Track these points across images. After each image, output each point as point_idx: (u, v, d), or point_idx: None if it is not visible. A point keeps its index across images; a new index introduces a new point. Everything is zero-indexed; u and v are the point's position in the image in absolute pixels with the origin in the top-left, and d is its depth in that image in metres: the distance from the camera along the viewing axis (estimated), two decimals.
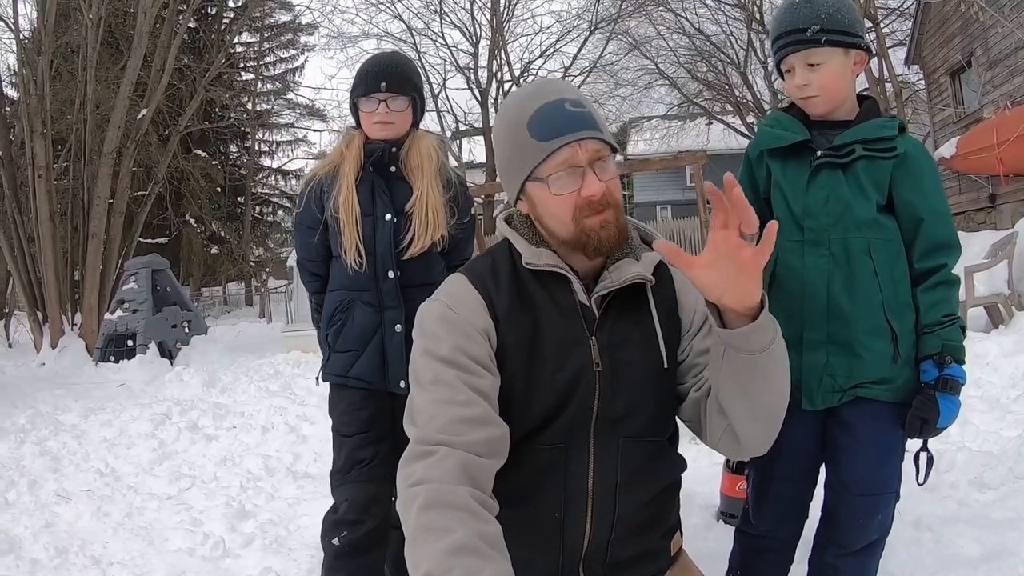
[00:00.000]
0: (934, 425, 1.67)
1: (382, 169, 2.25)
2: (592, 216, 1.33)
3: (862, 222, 1.72)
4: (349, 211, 2.18)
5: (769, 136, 1.84)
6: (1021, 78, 9.43)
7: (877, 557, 1.90)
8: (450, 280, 1.46)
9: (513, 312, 1.38)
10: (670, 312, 1.45)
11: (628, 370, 1.38)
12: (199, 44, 18.92)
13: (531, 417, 1.37)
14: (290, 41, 26.73)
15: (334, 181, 2.24)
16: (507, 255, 1.45)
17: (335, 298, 2.29)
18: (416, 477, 1.22)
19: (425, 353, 1.35)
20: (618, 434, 1.38)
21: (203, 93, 15.38)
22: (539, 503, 1.38)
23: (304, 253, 2.37)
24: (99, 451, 5.07)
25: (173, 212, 21.49)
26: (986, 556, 2.48)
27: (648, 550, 1.44)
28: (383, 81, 2.19)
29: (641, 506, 1.40)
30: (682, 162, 9.80)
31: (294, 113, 27.55)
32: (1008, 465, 3.24)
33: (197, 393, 7.36)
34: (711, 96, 21.01)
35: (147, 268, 10.57)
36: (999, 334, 5.36)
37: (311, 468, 4.49)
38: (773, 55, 1.82)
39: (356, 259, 2.18)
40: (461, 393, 1.29)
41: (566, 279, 1.39)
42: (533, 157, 1.34)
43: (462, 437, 1.25)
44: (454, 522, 1.14)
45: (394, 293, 2.23)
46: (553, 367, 1.37)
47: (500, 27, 19.13)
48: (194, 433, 5.37)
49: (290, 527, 3.42)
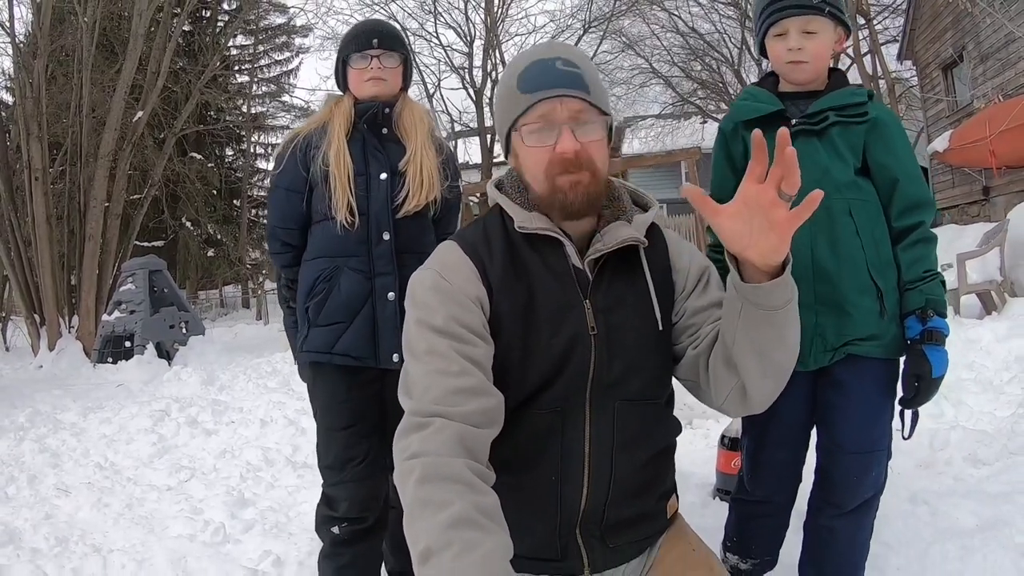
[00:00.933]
0: (930, 377, 1.70)
1: (375, 129, 2.17)
2: (564, 175, 1.34)
3: (841, 184, 1.75)
4: (341, 166, 2.07)
5: (744, 108, 1.88)
6: (1012, 71, 9.48)
7: (872, 517, 1.93)
8: (441, 248, 1.44)
9: (507, 278, 1.38)
10: (663, 274, 1.45)
11: (623, 333, 1.38)
12: (194, 47, 18.93)
13: (527, 383, 1.37)
14: (284, 43, 26.71)
15: (322, 138, 2.12)
16: (499, 221, 1.45)
17: (315, 267, 2.12)
18: (412, 450, 1.21)
19: (419, 323, 1.34)
20: (614, 397, 1.38)
21: (198, 96, 15.35)
22: (536, 467, 1.38)
23: (279, 221, 2.20)
24: (98, 447, 5.07)
25: (169, 215, 21.47)
26: (981, 527, 2.50)
27: (644, 512, 1.46)
28: (375, 38, 2.15)
29: (637, 469, 1.42)
30: (676, 158, 9.87)
31: (289, 115, 27.48)
32: (1002, 442, 3.27)
33: (196, 391, 7.36)
34: (705, 95, 21.10)
35: (144, 269, 10.58)
36: (992, 320, 5.41)
37: (310, 459, 4.47)
38: (762, 17, 1.83)
39: (348, 218, 2.05)
40: (455, 363, 1.29)
41: (559, 242, 1.39)
42: (516, 108, 1.37)
43: (457, 408, 1.25)
44: (452, 495, 1.14)
45: (388, 257, 2.11)
46: (548, 332, 1.36)
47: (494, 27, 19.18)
48: (193, 428, 5.37)
49: (290, 513, 3.42)
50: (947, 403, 3.86)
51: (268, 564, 2.81)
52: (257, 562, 2.84)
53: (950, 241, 7.69)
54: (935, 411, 3.73)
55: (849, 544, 1.95)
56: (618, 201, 1.48)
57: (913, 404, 1.77)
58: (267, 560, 2.82)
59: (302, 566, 2.79)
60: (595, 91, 1.36)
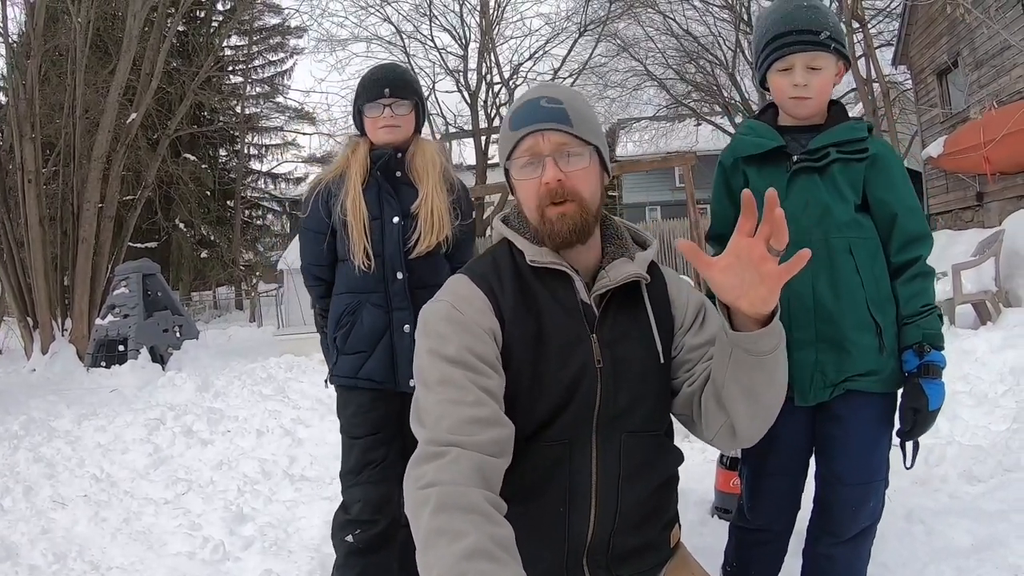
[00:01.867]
0: (927, 410, 1.72)
1: (388, 174, 2.31)
2: (551, 207, 1.40)
3: (842, 223, 1.77)
4: (357, 214, 2.23)
5: (745, 143, 1.89)
6: (1007, 78, 9.52)
7: (869, 544, 1.95)
8: (453, 280, 1.47)
9: (518, 311, 1.41)
10: (663, 309, 1.51)
11: (628, 366, 1.43)
12: (188, 47, 18.91)
13: (536, 414, 1.40)
14: (279, 44, 26.70)
15: (340, 186, 2.29)
16: (507, 254, 1.49)
17: (342, 301, 2.32)
18: (427, 479, 1.22)
19: (431, 353, 1.36)
20: (620, 429, 1.42)
21: (192, 97, 15.34)
22: (544, 498, 1.40)
23: (310, 259, 2.41)
24: (94, 456, 5.05)
25: (163, 216, 21.42)
26: (977, 547, 2.52)
27: (649, 542, 1.48)
28: (386, 87, 2.29)
29: (643, 499, 1.45)
30: (671, 163, 9.89)
31: (283, 116, 27.53)
32: (997, 458, 3.30)
33: (190, 398, 7.33)
34: (700, 97, 21.07)
35: (138, 273, 10.54)
36: (987, 330, 5.43)
37: (307, 471, 4.49)
38: (767, 51, 1.82)
39: (365, 261, 2.23)
40: (470, 393, 1.30)
41: (568, 277, 1.44)
42: (507, 144, 1.46)
43: (473, 437, 1.26)
44: (467, 525, 1.15)
45: (403, 294, 2.28)
46: (557, 365, 1.40)
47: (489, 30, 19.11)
48: (189, 438, 5.35)
49: (289, 529, 3.42)
50: (942, 417, 3.83)
51: None
52: None
53: (944, 247, 7.71)
54: None
55: (847, 571, 1.97)
56: (620, 239, 1.54)
57: (911, 436, 1.78)
58: None
59: None
60: (578, 123, 1.42)
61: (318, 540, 3.17)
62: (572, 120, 1.42)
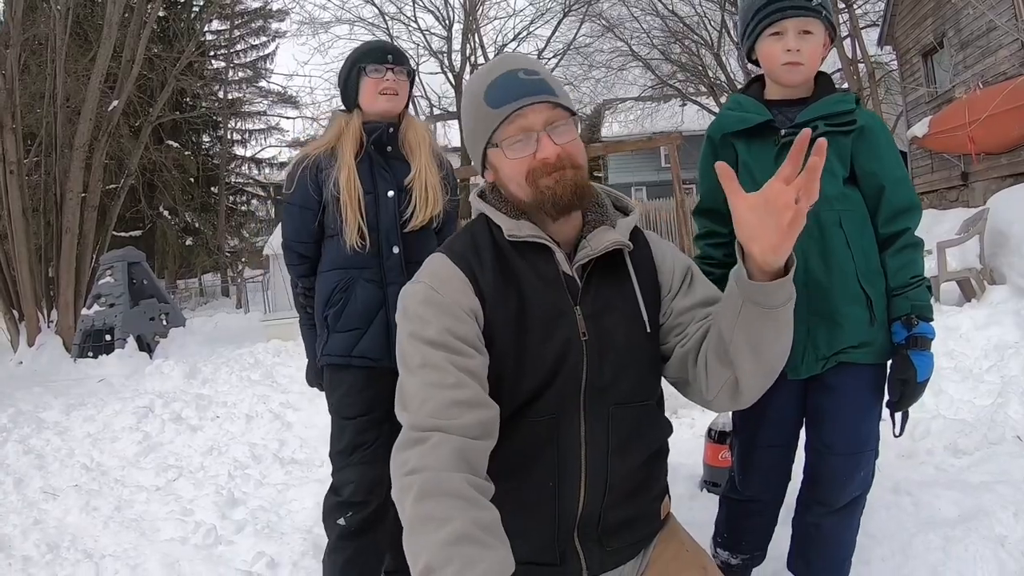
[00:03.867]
0: (915, 381, 1.74)
1: (380, 148, 2.28)
2: (545, 176, 1.37)
3: (831, 196, 1.76)
4: (352, 190, 2.19)
5: (732, 119, 1.88)
6: (992, 59, 9.54)
7: (859, 514, 1.97)
8: (431, 260, 1.45)
9: (498, 288, 1.39)
10: (649, 276, 1.49)
11: (613, 337, 1.41)
12: (169, 33, 18.66)
13: (521, 390, 1.38)
14: (261, 28, 26.39)
15: (331, 160, 2.24)
16: (486, 230, 1.46)
17: (332, 278, 2.27)
18: (411, 465, 1.21)
19: (412, 336, 1.35)
20: (607, 401, 1.41)
21: (174, 83, 15.17)
22: (533, 474, 1.40)
23: (294, 235, 2.34)
24: (83, 446, 5.04)
25: (146, 204, 21.24)
26: (963, 517, 2.55)
27: (639, 514, 1.49)
28: (389, 54, 2.29)
29: (632, 471, 1.44)
30: (657, 143, 9.87)
31: (266, 101, 27.27)
32: (982, 432, 3.33)
33: (178, 385, 7.32)
34: (685, 77, 21.05)
35: (123, 261, 10.48)
36: (972, 307, 5.47)
37: (297, 454, 4.51)
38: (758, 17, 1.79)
39: (358, 241, 2.19)
40: (451, 376, 1.29)
41: (548, 249, 1.41)
42: (489, 124, 1.40)
43: (455, 421, 1.25)
44: (451, 511, 1.15)
45: (398, 268, 2.24)
46: (540, 339, 1.38)
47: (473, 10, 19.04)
48: (178, 424, 5.35)
49: (280, 512, 3.44)
50: (928, 391, 3.89)
51: (262, 566, 2.82)
52: (251, 564, 2.85)
53: (929, 226, 7.76)
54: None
55: (837, 540, 1.99)
56: (601, 206, 1.51)
57: (900, 407, 1.80)
58: (261, 562, 2.83)
59: (296, 567, 2.80)
60: (560, 93, 1.40)
61: (310, 522, 3.18)
62: (555, 90, 1.40)
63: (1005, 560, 2.26)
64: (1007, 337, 4.73)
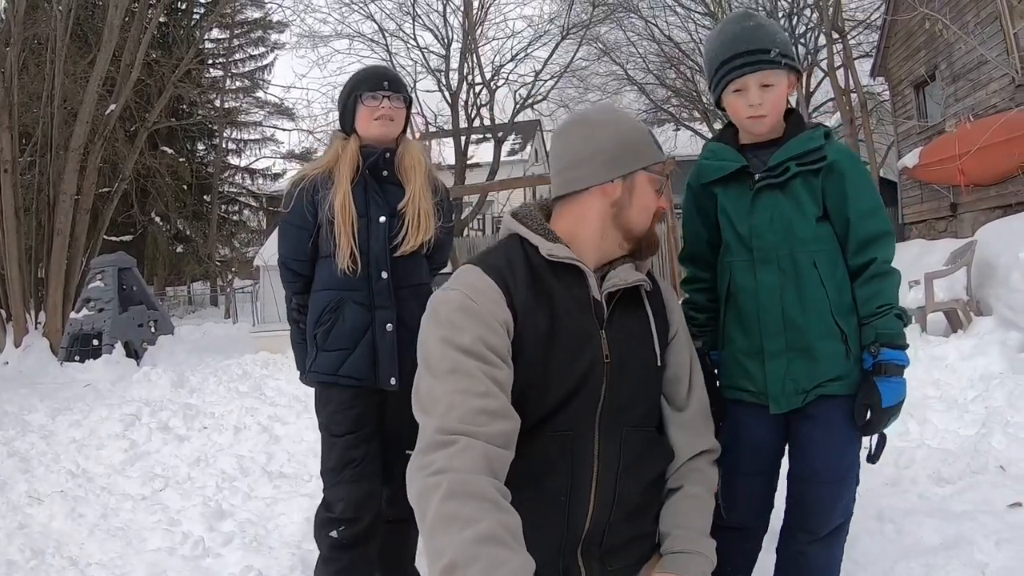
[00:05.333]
0: (880, 407, 1.77)
1: (375, 173, 2.31)
2: (656, 224, 1.58)
3: (806, 239, 1.82)
4: (346, 215, 2.22)
5: (709, 168, 1.93)
6: (983, 92, 9.68)
7: (842, 540, 2.00)
8: (464, 271, 1.49)
9: (531, 303, 1.45)
10: (660, 317, 1.60)
11: (632, 363, 1.51)
12: (168, 39, 18.64)
13: (544, 405, 1.45)
14: (260, 39, 26.47)
15: (328, 182, 2.27)
16: (519, 249, 1.54)
17: (323, 298, 2.30)
18: (437, 466, 1.25)
19: (444, 341, 1.38)
20: (621, 423, 1.50)
21: (172, 89, 15.19)
22: (547, 487, 1.45)
23: (290, 253, 2.38)
24: (69, 452, 5.01)
25: (139, 210, 21.12)
26: (945, 545, 2.58)
27: (640, 534, 1.54)
28: (385, 80, 2.31)
29: (639, 492, 1.52)
30: None
31: (262, 111, 27.28)
32: (966, 461, 3.37)
33: (166, 394, 7.28)
34: (679, 103, 21.24)
35: (113, 267, 10.45)
36: (958, 338, 5.53)
37: (285, 468, 4.49)
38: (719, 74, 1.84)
39: (349, 265, 2.22)
40: (481, 384, 1.34)
41: (581, 272, 1.51)
42: (654, 156, 1.59)
43: (483, 428, 1.30)
44: (479, 512, 1.19)
45: (386, 293, 2.28)
46: (569, 357, 1.45)
47: (472, 30, 19.10)
48: (165, 434, 5.33)
49: (268, 526, 3.42)
50: (913, 421, 3.97)
51: None
52: None
53: (917, 256, 7.86)
54: (901, 429, 3.83)
55: (822, 568, 2.01)
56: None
57: (868, 431, 1.84)
58: (249, 575, 2.82)
59: None
60: None
61: (299, 537, 3.17)
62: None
63: None
64: (992, 368, 4.80)
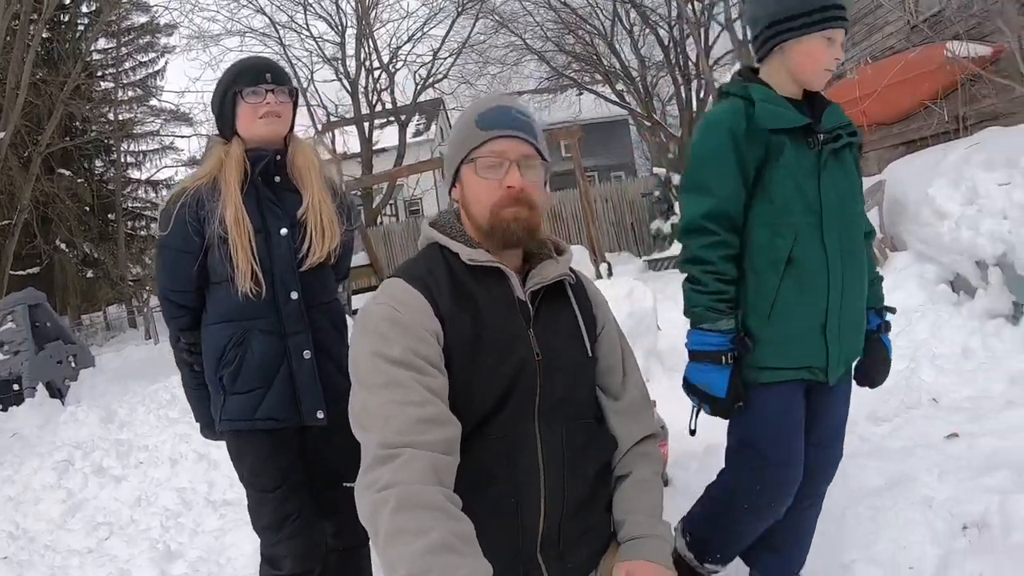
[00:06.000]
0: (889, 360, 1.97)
1: (267, 179, 2.06)
2: (507, 208, 1.49)
3: (858, 210, 1.86)
4: (242, 230, 1.96)
5: (775, 114, 1.77)
6: (879, 35, 9.97)
7: None
8: (389, 284, 1.50)
9: (456, 310, 1.47)
10: (586, 309, 1.64)
11: (562, 359, 1.54)
12: (54, 55, 17.70)
13: (479, 409, 1.46)
14: (149, 44, 25.24)
15: (213, 195, 2.00)
16: (439, 256, 1.55)
17: (222, 332, 2.02)
18: (384, 481, 1.26)
19: (374, 355, 1.39)
20: (560, 418, 1.52)
21: (62, 108, 14.43)
22: (495, 492, 1.45)
23: (171, 283, 2.07)
24: (6, 511, 4.75)
25: (42, 239, 20.07)
26: (889, 484, 2.68)
27: (594, 524, 1.57)
28: (267, 72, 2.06)
29: (587, 484, 1.55)
30: (558, 138, 9.89)
31: (159, 120, 26.12)
32: (899, 397, 3.50)
33: (95, 432, 6.94)
34: (580, 67, 21.37)
35: (23, 304, 9.89)
36: None
37: (228, 495, 4.33)
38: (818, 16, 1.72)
39: (253, 287, 1.96)
40: (416, 394, 1.35)
41: (504, 275, 1.52)
42: (472, 141, 1.53)
43: (424, 437, 1.31)
44: (430, 522, 1.21)
45: (298, 315, 2.03)
46: (497, 360, 1.46)
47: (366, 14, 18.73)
48: (101, 477, 5.10)
49: (220, 561, 3.34)
50: None
51: None
52: None
53: None
54: None
55: (812, 528, 2.11)
56: (544, 245, 1.64)
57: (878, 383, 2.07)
58: None
59: None
60: (540, 140, 1.56)
61: (251, 568, 3.06)
62: (538, 137, 1.55)
63: (933, 520, 2.38)
64: (911, 301, 4.99)
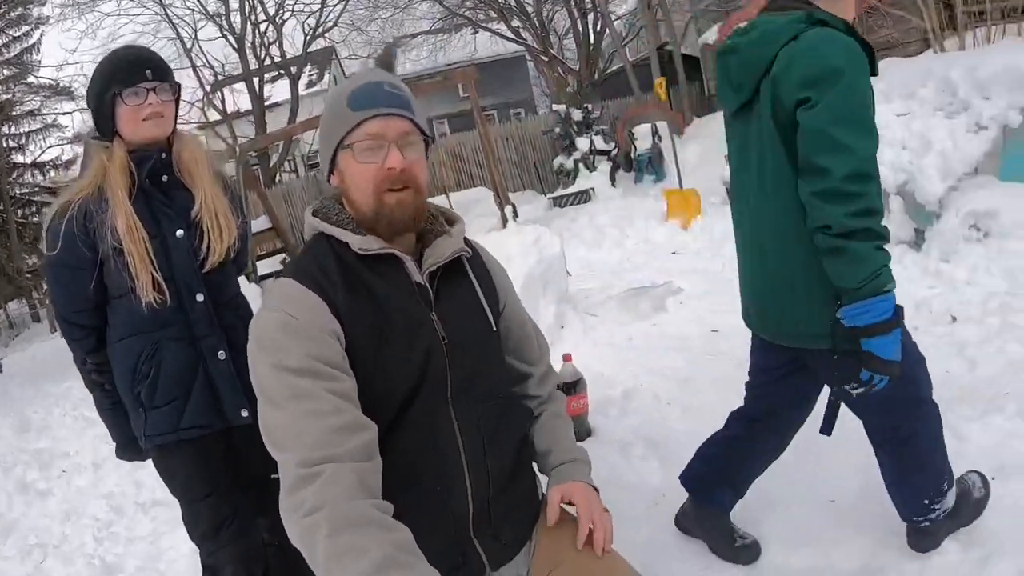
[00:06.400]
0: None
1: (155, 180, 1.97)
2: (390, 193, 1.41)
3: None
4: (136, 237, 1.88)
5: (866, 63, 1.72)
6: None
7: None
8: (279, 286, 1.42)
9: (353, 304, 1.39)
10: (486, 281, 1.60)
11: (468, 338, 1.49)
12: None
13: (391, 403, 1.41)
14: (21, 16, 23.32)
15: (101, 205, 1.90)
16: (327, 248, 1.46)
17: (131, 347, 1.96)
18: (310, 504, 1.19)
19: (274, 368, 1.31)
20: (473, 398, 1.49)
21: None
22: (420, 484, 1.42)
23: (70, 304, 1.97)
24: None
25: None
26: None
27: (520, 499, 1.59)
28: (147, 69, 1.92)
29: (507, 459, 1.54)
30: (454, 80, 9.43)
31: (38, 97, 24.44)
32: None
33: (12, 443, 6.71)
34: (474, 5, 20.97)
35: None
36: None
37: (157, 494, 4.23)
38: None
39: (157, 296, 1.90)
40: (326, 403, 1.27)
41: (398, 260, 1.46)
42: (345, 125, 1.42)
43: (342, 448, 1.24)
44: (367, 540, 1.16)
45: (207, 318, 2.00)
46: (406, 349, 1.41)
47: None
48: (25, 494, 4.97)
49: (160, 566, 3.34)
50: None
51: None
52: None
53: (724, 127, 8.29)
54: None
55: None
56: (433, 219, 1.59)
57: None
58: None
59: None
60: (418, 114, 1.47)
61: (193, 569, 3.11)
62: (414, 111, 1.46)
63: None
64: None
